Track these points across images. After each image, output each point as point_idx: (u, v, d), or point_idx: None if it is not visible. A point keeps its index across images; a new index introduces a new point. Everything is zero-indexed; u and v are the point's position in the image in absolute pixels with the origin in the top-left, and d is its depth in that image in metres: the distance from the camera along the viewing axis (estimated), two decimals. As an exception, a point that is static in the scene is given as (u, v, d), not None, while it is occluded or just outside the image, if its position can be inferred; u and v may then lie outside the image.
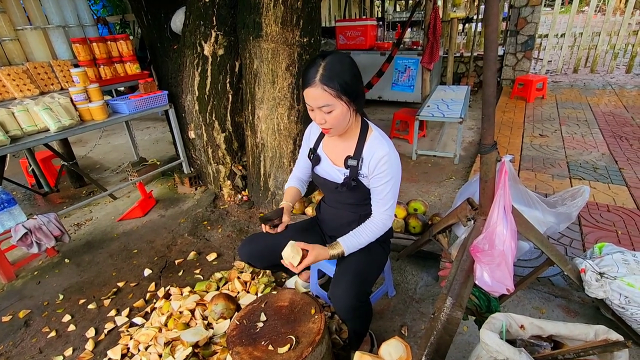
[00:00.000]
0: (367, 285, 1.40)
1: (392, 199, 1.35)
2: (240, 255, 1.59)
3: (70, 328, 1.90)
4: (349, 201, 1.47)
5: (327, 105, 1.18)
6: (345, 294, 1.31)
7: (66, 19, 2.79)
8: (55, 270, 2.37)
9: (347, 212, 1.50)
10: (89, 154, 4.43)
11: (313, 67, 1.18)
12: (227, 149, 2.97)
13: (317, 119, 1.25)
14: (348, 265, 1.40)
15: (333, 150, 1.43)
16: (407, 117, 4.11)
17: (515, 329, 1.17)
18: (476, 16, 6.79)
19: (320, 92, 1.16)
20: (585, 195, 1.48)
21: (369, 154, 1.31)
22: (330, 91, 1.16)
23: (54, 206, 3.23)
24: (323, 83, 1.15)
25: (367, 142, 1.32)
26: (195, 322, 1.78)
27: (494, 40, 1.09)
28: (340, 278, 1.37)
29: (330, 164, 1.43)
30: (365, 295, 1.38)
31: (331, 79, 1.15)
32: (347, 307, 1.32)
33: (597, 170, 3.12)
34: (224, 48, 2.63)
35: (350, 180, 1.35)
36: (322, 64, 1.16)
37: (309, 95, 1.19)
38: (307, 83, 1.19)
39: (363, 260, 1.42)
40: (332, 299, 1.36)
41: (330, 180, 1.43)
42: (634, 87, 5.81)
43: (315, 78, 1.16)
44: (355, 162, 1.33)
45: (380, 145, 1.29)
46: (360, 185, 1.37)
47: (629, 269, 1.46)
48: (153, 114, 2.98)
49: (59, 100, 2.33)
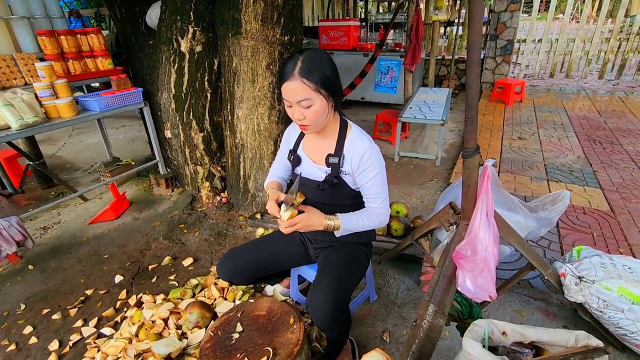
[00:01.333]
0: (347, 292, 1.36)
1: (384, 192, 1.34)
2: (221, 274, 1.50)
3: (31, 340, 1.77)
4: (330, 201, 1.42)
5: (306, 99, 1.16)
6: (323, 302, 1.26)
7: (31, 9, 2.63)
8: (17, 278, 2.21)
9: (327, 213, 1.45)
10: (58, 152, 4.21)
11: (291, 61, 1.15)
12: (205, 149, 2.87)
13: (295, 115, 1.21)
14: (327, 270, 1.36)
15: (313, 149, 1.40)
16: (389, 119, 4.11)
17: (497, 336, 1.16)
18: (457, 19, 6.89)
19: (300, 85, 1.13)
20: (565, 200, 1.48)
21: (350, 150, 1.29)
22: (310, 84, 1.14)
23: (18, 208, 3.04)
24: (302, 76, 1.13)
25: (347, 139, 1.31)
26: (168, 332, 1.69)
27: (477, 42, 1.07)
28: (318, 285, 1.32)
29: (310, 163, 1.39)
30: (344, 303, 1.33)
31: (310, 72, 1.13)
32: (325, 316, 1.27)
33: (573, 173, 3.20)
34: (202, 45, 2.54)
35: (331, 178, 1.32)
36: (301, 58, 1.14)
37: (288, 89, 1.16)
38: (285, 77, 1.16)
39: (343, 265, 1.38)
40: (310, 306, 1.31)
41: (312, 179, 1.39)
42: (606, 93, 6.03)
43: (294, 71, 1.13)
44: (336, 160, 1.31)
45: (361, 140, 1.29)
46: (342, 183, 1.35)
47: (607, 272, 1.48)
48: (128, 112, 2.84)
49: (22, 96, 2.17)
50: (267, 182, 1.56)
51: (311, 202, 1.49)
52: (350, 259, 1.42)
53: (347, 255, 1.42)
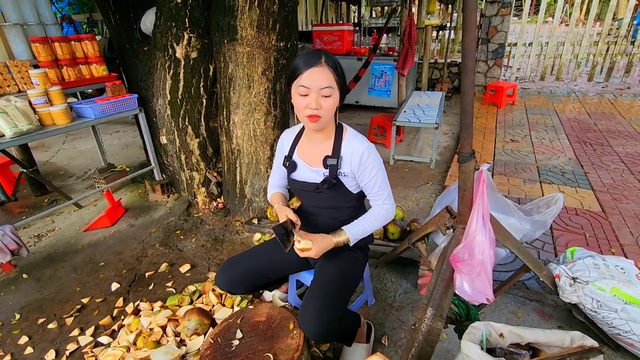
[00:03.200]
0: (340, 307, 1.32)
1: (387, 189, 1.37)
2: (219, 284, 1.48)
3: (27, 351, 1.74)
4: (328, 204, 1.43)
5: (329, 87, 1.19)
6: (314, 323, 1.23)
7: (25, 16, 2.62)
8: (11, 287, 2.19)
9: (325, 218, 1.46)
10: (52, 159, 4.17)
11: (315, 53, 1.21)
12: (201, 155, 2.87)
13: (312, 104, 1.20)
14: (317, 288, 1.32)
15: (309, 153, 1.40)
16: (384, 122, 4.14)
17: (495, 338, 1.17)
18: (449, 24, 6.98)
19: (327, 72, 1.18)
20: (559, 203, 1.51)
21: (349, 151, 1.32)
22: (333, 74, 1.19)
23: (11, 216, 3.01)
24: (328, 65, 1.19)
25: (344, 140, 1.34)
26: (166, 340, 1.68)
27: (472, 49, 1.09)
28: (308, 305, 1.28)
29: (307, 167, 1.40)
30: (337, 320, 1.28)
31: (334, 64, 1.21)
32: (317, 335, 1.25)
33: (565, 175, 3.25)
34: (198, 51, 2.54)
35: (330, 178, 1.33)
36: (323, 53, 1.21)
37: (313, 75, 1.18)
38: (309, 64, 1.18)
39: (337, 277, 1.35)
40: (301, 324, 1.28)
41: (310, 182, 1.39)
42: (595, 95, 6.14)
43: (321, 60, 1.18)
44: (334, 161, 1.32)
45: (358, 141, 1.32)
46: (340, 185, 1.35)
47: (600, 273, 1.51)
48: (122, 118, 2.83)
49: (15, 103, 2.16)
50: (270, 195, 1.56)
51: (310, 207, 1.50)
52: (344, 271, 1.39)
53: (342, 266, 1.39)
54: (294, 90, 1.24)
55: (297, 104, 1.24)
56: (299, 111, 1.26)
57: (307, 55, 1.20)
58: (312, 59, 1.18)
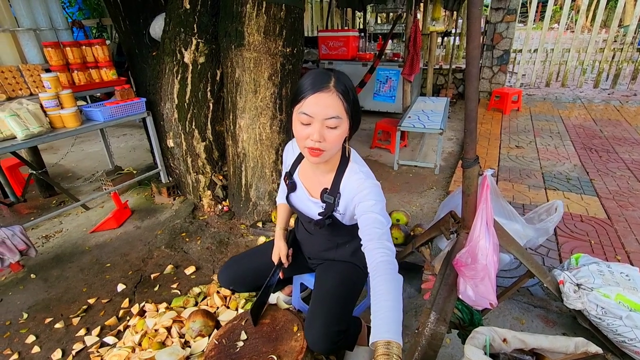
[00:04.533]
0: (343, 321, 1.26)
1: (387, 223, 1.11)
2: (221, 282, 1.49)
3: (34, 350, 1.77)
4: (325, 238, 1.40)
5: (337, 118, 1.01)
6: (319, 339, 1.20)
7: (37, 21, 2.67)
8: (19, 287, 2.22)
9: (322, 240, 1.43)
10: (61, 161, 4.23)
11: (323, 74, 1.02)
12: (207, 159, 2.90)
13: (314, 135, 1.02)
14: (320, 302, 1.27)
15: (309, 179, 1.30)
16: (388, 127, 4.16)
17: (498, 343, 1.18)
18: (454, 30, 7.01)
19: (335, 99, 1.00)
20: (560, 210, 1.51)
21: (347, 189, 1.18)
22: (344, 101, 1.01)
23: (20, 217, 3.05)
24: (338, 90, 1.00)
25: (345, 175, 1.18)
26: (171, 341, 1.70)
27: (476, 56, 1.11)
28: (314, 321, 1.23)
29: (306, 195, 1.31)
30: (343, 332, 1.23)
31: (346, 89, 1.02)
32: (325, 350, 1.24)
33: (570, 181, 3.24)
34: (205, 56, 2.58)
35: (324, 219, 1.24)
36: (334, 73, 1.03)
37: (319, 102, 0.99)
38: (316, 88, 1.00)
39: (338, 293, 1.30)
40: (308, 340, 1.24)
41: (305, 214, 1.35)
42: (601, 101, 6.12)
43: (330, 83, 1.00)
44: (331, 199, 1.20)
45: (358, 179, 1.15)
46: (336, 222, 1.27)
47: (604, 279, 1.50)
48: (130, 121, 2.88)
49: (27, 106, 2.21)
50: (278, 202, 1.54)
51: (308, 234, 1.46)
52: (345, 282, 1.35)
53: (343, 278, 1.35)
54: (295, 116, 1.06)
55: (298, 132, 1.06)
56: (299, 141, 1.08)
57: (315, 76, 1.02)
58: (319, 82, 1.00)
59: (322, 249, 1.41)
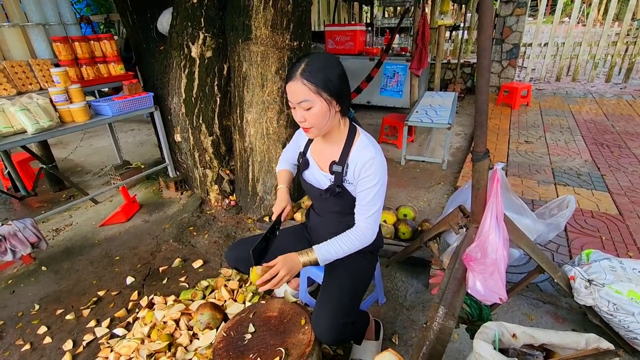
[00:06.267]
0: (351, 313, 1.31)
1: (376, 206, 1.26)
2: (227, 260, 1.55)
3: (46, 340, 1.80)
4: (335, 209, 1.42)
5: (305, 101, 1.15)
6: (327, 331, 1.24)
7: (47, 16, 2.69)
8: (31, 279, 2.26)
9: (333, 221, 1.46)
10: (70, 156, 4.28)
11: (297, 64, 1.17)
12: (214, 153, 2.91)
13: (297, 117, 1.22)
14: (329, 293, 1.32)
15: (320, 154, 1.39)
16: (396, 122, 4.13)
17: (507, 338, 1.17)
18: (463, 24, 6.91)
19: (300, 86, 1.14)
20: (571, 205, 1.49)
21: (355, 159, 1.26)
22: (310, 86, 1.13)
23: (31, 211, 3.10)
24: (303, 77, 1.14)
25: (353, 147, 1.28)
26: (179, 333, 1.72)
27: (487, 47, 1.09)
28: (321, 312, 1.27)
29: (317, 169, 1.39)
30: (350, 324, 1.28)
31: (312, 74, 1.13)
32: (332, 341, 1.27)
33: (581, 177, 3.19)
34: (212, 50, 2.58)
35: (334, 187, 1.31)
36: (306, 60, 1.16)
37: (290, 90, 1.17)
38: (288, 78, 1.18)
39: (346, 284, 1.34)
40: (315, 331, 1.28)
41: (316, 187, 1.39)
42: (613, 96, 6.00)
43: (297, 72, 1.15)
44: (340, 168, 1.29)
45: (366, 150, 1.25)
46: (345, 192, 1.33)
47: (616, 276, 1.48)
48: (138, 116, 2.90)
49: (37, 100, 2.23)
50: (278, 169, 1.61)
51: (318, 208, 1.52)
52: (354, 274, 1.38)
53: (351, 270, 1.38)
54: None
55: (292, 112, 1.25)
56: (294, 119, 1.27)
57: (290, 68, 1.19)
58: (290, 72, 1.17)
59: (333, 231, 1.40)
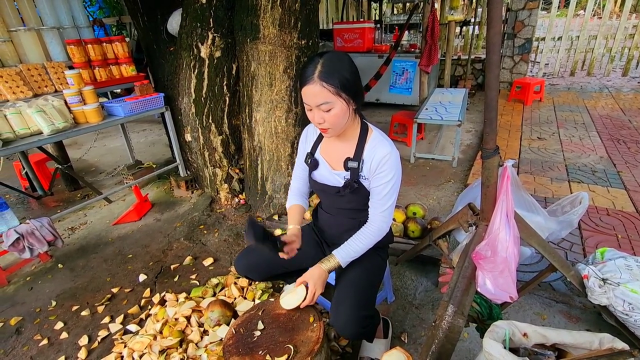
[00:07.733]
0: (370, 306, 1.33)
1: (391, 200, 1.29)
2: (237, 270, 1.53)
3: (62, 336, 1.85)
4: (349, 206, 1.42)
5: (326, 103, 1.14)
6: (348, 323, 1.25)
7: (60, 20, 2.76)
8: (48, 276, 2.32)
9: (345, 219, 1.45)
10: (84, 156, 4.38)
11: (311, 65, 1.14)
12: (223, 152, 2.94)
13: (315, 119, 1.20)
14: (346, 288, 1.33)
15: (332, 154, 1.38)
16: (405, 120, 4.10)
17: (518, 337, 1.15)
18: (473, 19, 6.80)
19: (319, 89, 1.12)
20: (584, 202, 1.46)
21: (370, 154, 1.27)
22: (329, 88, 1.12)
23: (47, 210, 3.18)
24: (322, 79, 1.12)
25: (367, 143, 1.29)
26: (191, 330, 1.75)
27: (496, 42, 1.07)
28: (340, 307, 1.28)
29: (328, 169, 1.37)
30: (370, 318, 1.30)
31: (330, 75, 1.12)
32: (353, 334, 1.28)
33: (596, 174, 3.12)
34: (221, 50, 2.60)
35: (352, 182, 1.30)
36: (320, 61, 1.13)
37: (308, 93, 1.15)
38: (305, 81, 1.15)
39: (362, 278, 1.35)
40: (335, 327, 1.29)
41: (330, 186, 1.38)
42: (631, 90, 5.83)
43: (314, 75, 1.12)
44: (355, 164, 1.29)
45: (382, 145, 1.26)
46: (362, 188, 1.33)
47: (632, 274, 1.45)
48: (149, 117, 2.94)
49: (52, 102, 2.28)
50: (289, 205, 1.53)
51: (330, 207, 1.50)
52: (368, 269, 1.39)
53: (365, 265, 1.39)
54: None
55: (308, 115, 1.24)
56: (311, 121, 1.26)
57: (304, 69, 1.16)
58: (306, 75, 1.14)
59: (345, 229, 1.42)
